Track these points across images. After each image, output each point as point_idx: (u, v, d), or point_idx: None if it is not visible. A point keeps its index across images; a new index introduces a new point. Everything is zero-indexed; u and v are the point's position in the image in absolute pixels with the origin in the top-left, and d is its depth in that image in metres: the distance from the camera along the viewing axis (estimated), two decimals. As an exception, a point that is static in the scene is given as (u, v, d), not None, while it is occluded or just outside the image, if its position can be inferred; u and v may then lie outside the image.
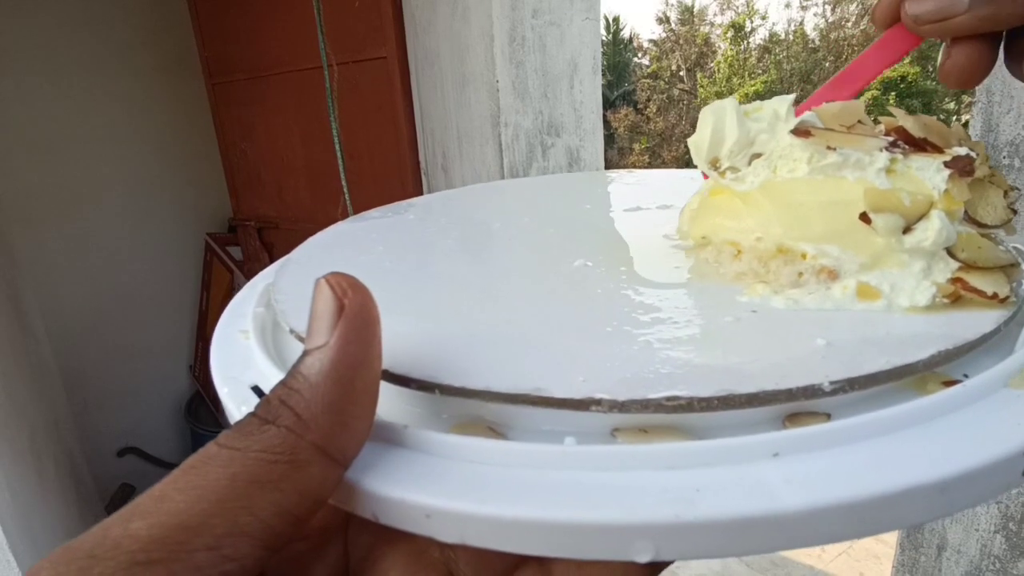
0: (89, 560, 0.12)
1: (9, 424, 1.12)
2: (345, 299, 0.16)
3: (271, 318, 0.26)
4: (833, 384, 0.16)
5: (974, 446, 0.15)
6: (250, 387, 0.20)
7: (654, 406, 0.16)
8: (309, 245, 0.33)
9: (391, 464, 0.16)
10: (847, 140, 0.22)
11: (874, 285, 0.21)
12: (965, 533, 0.64)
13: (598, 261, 0.27)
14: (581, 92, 1.18)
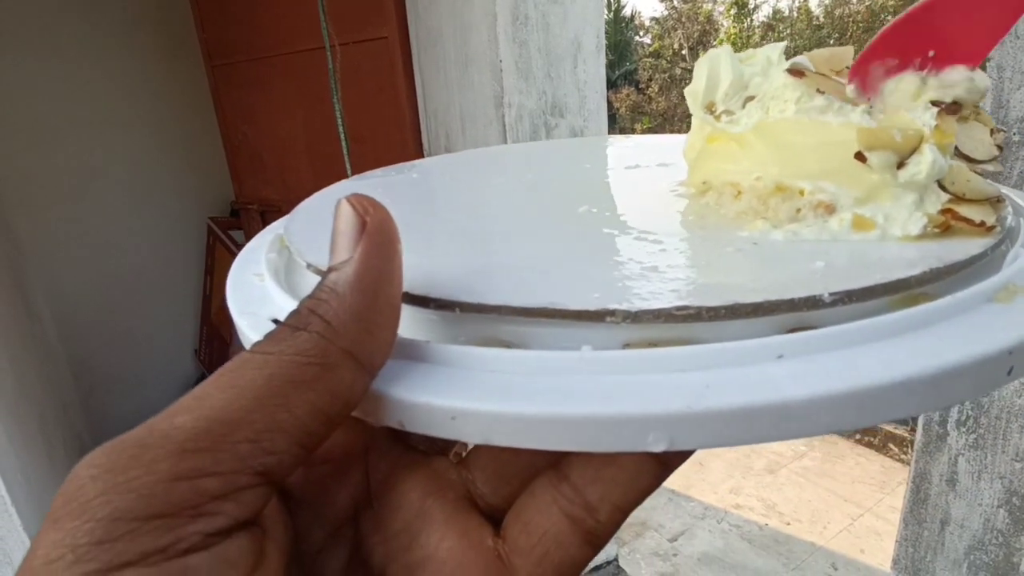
0: (139, 448, 0.13)
1: (20, 408, 1.14)
2: (367, 217, 0.17)
3: (283, 263, 0.27)
4: (832, 295, 0.17)
5: (964, 345, 0.16)
6: (270, 319, 0.21)
7: (665, 316, 0.17)
8: (316, 198, 0.33)
9: (415, 374, 0.17)
10: (836, 88, 0.23)
11: (869, 217, 0.22)
12: (968, 508, 0.65)
13: (602, 208, 0.27)
14: (585, 72, 1.17)
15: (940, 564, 0.69)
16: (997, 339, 0.16)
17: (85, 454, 0.28)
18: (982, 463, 0.63)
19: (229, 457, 0.14)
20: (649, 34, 16.24)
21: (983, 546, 0.65)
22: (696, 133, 0.28)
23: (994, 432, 0.62)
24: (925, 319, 0.17)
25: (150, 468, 0.13)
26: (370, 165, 1.36)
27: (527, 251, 0.23)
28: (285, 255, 0.27)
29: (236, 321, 0.22)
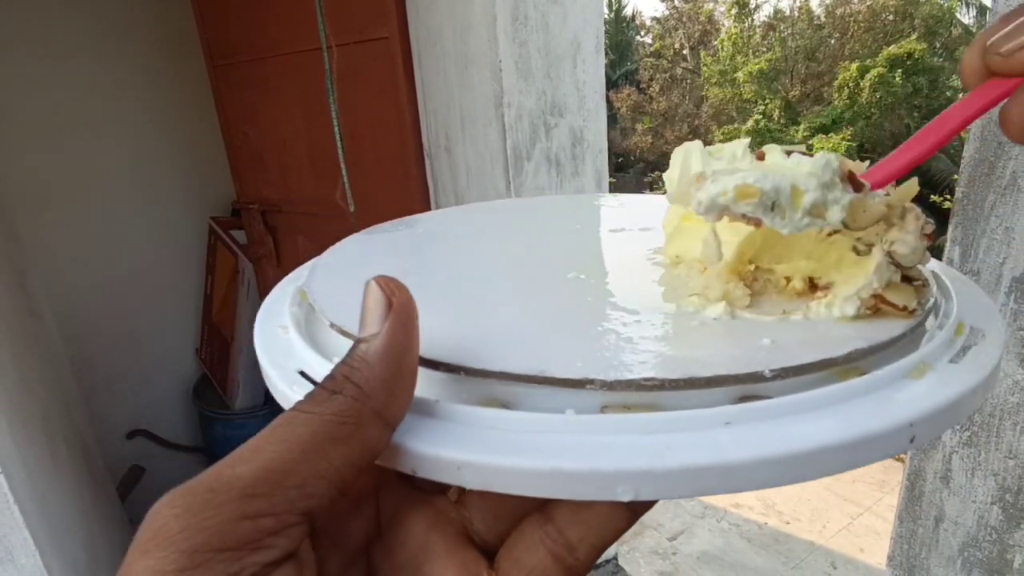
0: (210, 493, 0.16)
1: (23, 407, 1.14)
2: (393, 297, 0.20)
3: (303, 315, 0.30)
4: (772, 371, 0.21)
5: (874, 419, 0.20)
6: (297, 371, 0.25)
7: (635, 385, 0.21)
8: (330, 255, 0.37)
9: (427, 429, 0.20)
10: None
11: (811, 303, 0.26)
12: (962, 505, 0.65)
13: (589, 274, 0.31)
14: (584, 72, 1.18)
15: (935, 561, 0.69)
16: (902, 413, 0.20)
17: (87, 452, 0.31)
18: (975, 460, 0.63)
19: (281, 501, 0.17)
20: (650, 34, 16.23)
21: (977, 543, 0.65)
22: (673, 212, 0.32)
23: (987, 430, 0.62)
24: (848, 394, 0.21)
25: (220, 510, 0.16)
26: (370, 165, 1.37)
27: (523, 318, 0.27)
28: (305, 307, 0.31)
29: (266, 371, 0.26)
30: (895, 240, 0.25)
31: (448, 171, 1.25)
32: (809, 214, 0.23)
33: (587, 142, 1.23)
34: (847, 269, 0.26)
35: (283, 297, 0.32)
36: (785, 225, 0.23)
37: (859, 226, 0.23)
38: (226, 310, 2.15)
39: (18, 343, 1.25)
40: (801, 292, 0.28)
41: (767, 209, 0.23)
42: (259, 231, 1.76)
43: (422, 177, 1.32)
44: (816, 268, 0.27)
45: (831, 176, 0.23)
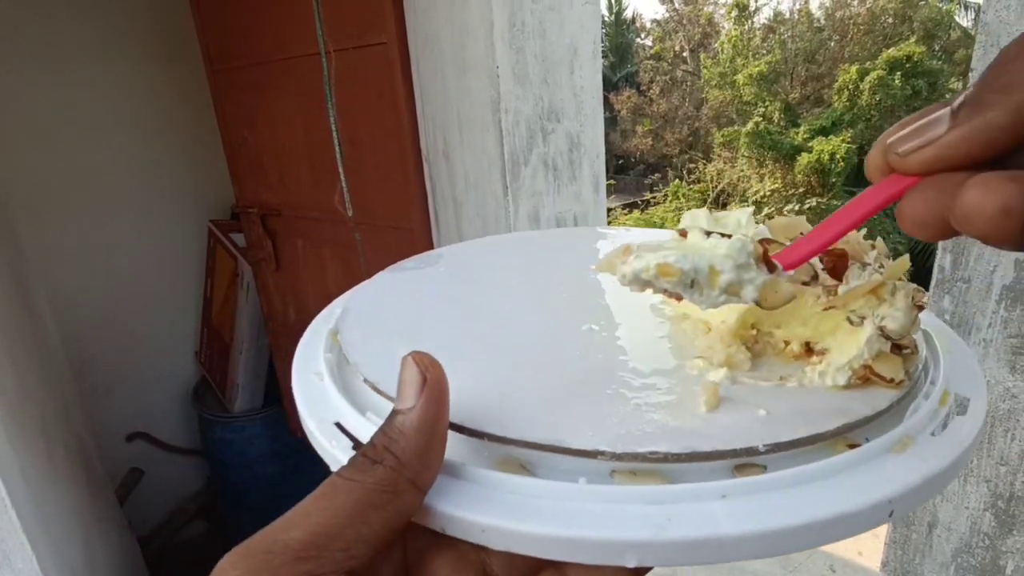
0: (267, 555, 0.19)
1: (21, 409, 1.15)
2: (427, 373, 0.22)
3: (336, 360, 0.33)
4: (766, 446, 0.23)
5: (857, 495, 0.21)
6: (333, 423, 0.27)
7: (641, 457, 0.23)
8: (359, 297, 0.39)
9: (455, 492, 0.23)
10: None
11: (807, 368, 0.28)
12: (955, 511, 0.66)
13: (601, 326, 0.33)
14: (581, 77, 1.18)
15: (928, 567, 0.70)
16: (883, 490, 0.22)
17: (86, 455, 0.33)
18: (968, 467, 0.64)
19: (328, 562, 0.19)
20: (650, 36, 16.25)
21: (970, 549, 0.66)
22: None
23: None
24: (835, 469, 0.23)
25: (276, 571, 0.18)
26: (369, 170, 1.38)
27: (541, 379, 0.29)
28: (337, 351, 0.33)
29: (305, 421, 0.28)
30: (886, 315, 0.27)
31: (446, 176, 1.25)
32: (725, 292, 0.24)
33: (584, 147, 1.23)
34: (841, 337, 0.28)
35: (317, 340, 0.35)
36: (703, 301, 0.24)
37: (770, 305, 0.25)
38: (225, 313, 2.15)
39: (16, 346, 1.26)
40: (798, 356, 0.29)
41: (686, 286, 0.24)
42: (258, 235, 1.76)
43: (420, 182, 1.32)
44: (813, 334, 0.29)
45: (746, 258, 0.24)
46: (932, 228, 0.19)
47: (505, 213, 1.15)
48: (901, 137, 0.19)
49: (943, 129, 0.18)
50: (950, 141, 0.17)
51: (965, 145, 0.17)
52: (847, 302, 0.27)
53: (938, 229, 0.19)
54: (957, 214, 0.17)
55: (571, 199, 1.24)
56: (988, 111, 0.17)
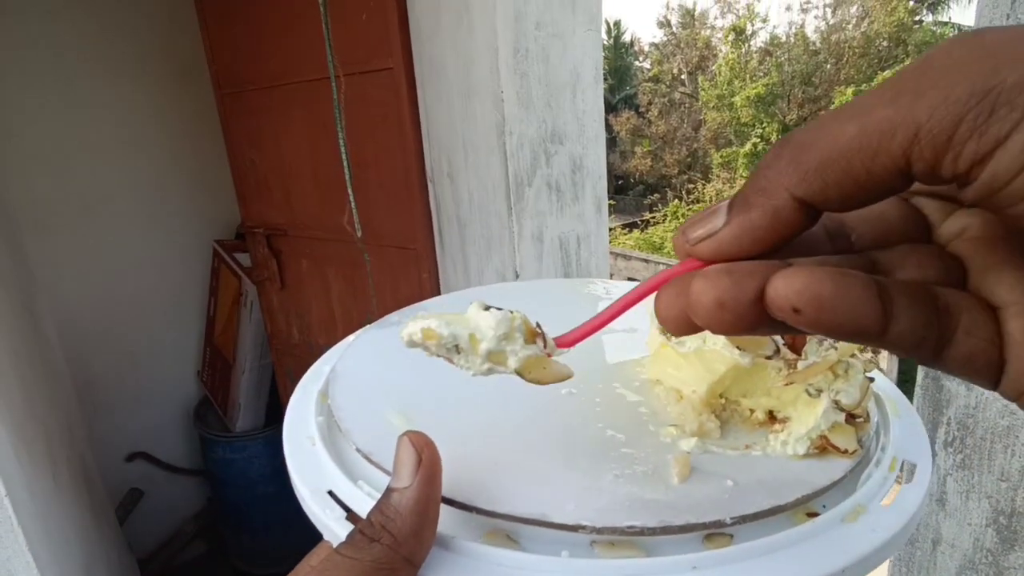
0: None
1: (27, 427, 1.15)
2: (423, 453, 0.24)
3: (326, 423, 0.34)
4: (732, 519, 0.26)
5: (813, 566, 0.24)
6: (326, 492, 0.29)
7: (619, 531, 0.25)
8: (348, 359, 0.40)
9: (445, 565, 0.24)
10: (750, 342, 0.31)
11: (770, 436, 0.31)
12: (958, 527, 0.66)
13: (580, 390, 0.35)
14: (584, 101, 1.21)
15: (933, 584, 0.70)
16: (837, 561, 0.24)
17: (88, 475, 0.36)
18: (969, 483, 0.64)
19: None
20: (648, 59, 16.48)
21: (973, 565, 0.66)
22: (656, 335, 0.37)
23: (979, 452, 0.63)
24: (795, 539, 0.25)
25: None
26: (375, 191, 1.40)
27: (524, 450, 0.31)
28: (327, 413, 0.35)
29: (297, 488, 0.30)
30: (840, 390, 0.30)
31: (451, 197, 1.28)
32: (488, 360, 0.25)
33: (587, 168, 1.26)
34: (801, 407, 0.31)
35: (307, 401, 0.36)
36: (469, 367, 0.25)
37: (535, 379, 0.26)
38: (228, 332, 2.16)
39: (23, 364, 1.27)
40: (763, 423, 0.32)
41: (453, 351, 0.25)
42: (263, 254, 1.78)
43: (425, 203, 1.35)
44: (776, 404, 0.32)
45: (507, 329, 0.25)
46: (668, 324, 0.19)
47: (509, 233, 1.17)
48: (692, 224, 0.19)
49: (720, 223, 0.19)
50: (723, 236, 0.18)
51: (736, 240, 0.18)
52: (806, 376, 0.30)
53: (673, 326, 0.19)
54: (690, 304, 0.18)
55: (574, 219, 1.26)
56: (752, 211, 0.18)
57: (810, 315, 0.16)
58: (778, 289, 0.16)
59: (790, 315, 0.16)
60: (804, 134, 0.17)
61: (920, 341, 0.16)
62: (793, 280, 0.16)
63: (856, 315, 0.16)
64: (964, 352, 0.16)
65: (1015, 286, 0.17)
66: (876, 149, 0.15)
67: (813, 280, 0.16)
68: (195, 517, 2.35)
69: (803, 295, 0.16)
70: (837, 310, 0.16)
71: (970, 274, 0.18)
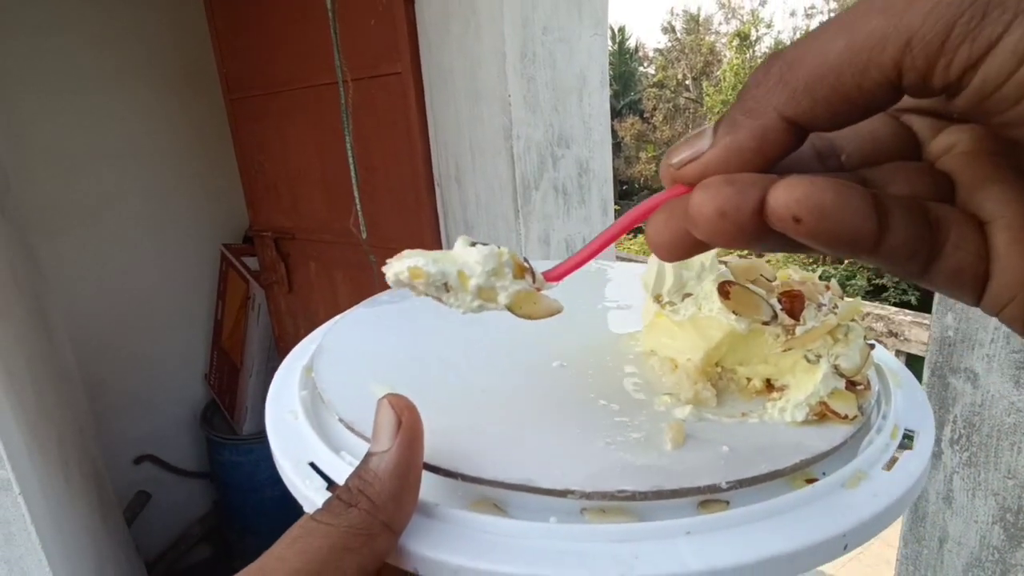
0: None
1: (40, 428, 1.16)
2: (402, 416, 0.23)
3: (311, 399, 0.33)
4: (728, 483, 0.24)
5: (813, 530, 0.23)
6: (308, 463, 0.27)
7: (610, 496, 0.24)
8: (335, 332, 0.39)
9: (428, 532, 0.23)
10: (746, 308, 0.30)
11: (768, 404, 0.30)
12: (965, 525, 0.66)
13: (571, 362, 0.35)
14: (590, 105, 1.22)
15: (940, 582, 0.70)
16: (837, 526, 0.23)
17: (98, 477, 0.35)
18: (976, 481, 0.65)
19: None
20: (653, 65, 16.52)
21: (980, 563, 0.66)
22: (649, 305, 0.36)
23: (986, 450, 0.64)
24: (794, 504, 0.24)
25: None
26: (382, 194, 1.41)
27: (512, 419, 0.30)
28: (311, 387, 0.33)
29: (278, 461, 0.28)
30: (840, 355, 0.29)
31: (458, 200, 1.29)
32: (479, 297, 0.25)
33: (593, 172, 1.27)
34: (799, 374, 0.30)
35: (291, 377, 0.35)
36: (459, 305, 0.25)
37: (526, 314, 0.25)
38: (236, 336, 2.17)
39: (36, 366, 1.28)
40: (760, 391, 0.31)
41: (442, 290, 0.25)
42: (271, 258, 1.80)
43: (432, 206, 1.36)
44: (773, 372, 0.31)
45: (495, 264, 0.25)
46: (660, 249, 0.20)
47: (516, 235, 1.18)
48: (677, 149, 0.19)
49: (706, 145, 0.18)
50: (710, 159, 0.18)
51: (722, 162, 0.18)
52: (804, 342, 0.29)
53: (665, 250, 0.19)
54: (687, 218, 0.18)
55: (580, 222, 1.27)
56: (739, 132, 0.18)
57: (810, 224, 0.16)
58: (779, 198, 0.16)
59: (790, 224, 0.16)
60: (792, 51, 0.17)
61: (912, 254, 0.16)
62: (795, 189, 0.16)
63: (854, 225, 0.16)
64: (952, 266, 0.17)
65: (1002, 200, 0.17)
66: (866, 63, 0.15)
67: (815, 189, 0.16)
68: (201, 520, 2.36)
69: (804, 204, 0.16)
70: (837, 219, 0.16)
71: (958, 190, 0.18)
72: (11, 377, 1.05)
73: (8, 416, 0.99)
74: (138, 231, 2.11)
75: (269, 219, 1.79)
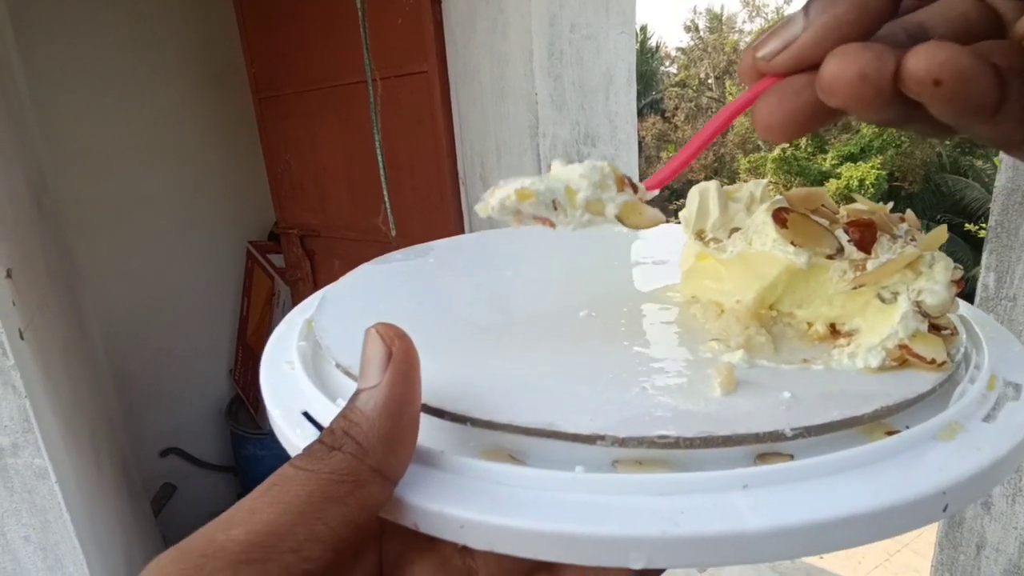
0: (201, 559, 0.16)
1: (74, 420, 1.19)
2: (393, 346, 0.19)
3: (311, 349, 0.29)
4: (794, 431, 0.20)
5: (904, 485, 0.18)
6: (301, 412, 0.24)
7: (648, 442, 0.20)
8: (341, 285, 0.36)
9: (431, 483, 0.19)
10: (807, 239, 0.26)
11: (833, 351, 0.25)
12: (1004, 531, 0.65)
13: (600, 312, 0.30)
14: (616, 103, 1.22)
15: (976, 590, 0.69)
16: (934, 480, 0.19)
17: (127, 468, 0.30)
18: (1016, 486, 0.63)
19: (276, 567, 0.16)
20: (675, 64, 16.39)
21: (1019, 570, 0.65)
22: (689, 248, 0.32)
23: (1027, 455, 0.62)
24: (875, 456, 0.20)
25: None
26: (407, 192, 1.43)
27: (533, 364, 0.26)
28: (313, 342, 0.30)
29: (270, 410, 0.25)
30: (923, 289, 0.24)
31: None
32: (588, 211, 0.24)
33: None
34: (872, 316, 0.25)
35: (292, 330, 0.31)
36: (569, 222, 0.24)
37: (634, 224, 0.24)
38: (261, 331, 2.21)
39: (71, 358, 1.31)
40: (823, 337, 0.26)
41: (550, 208, 0.24)
42: (297, 255, 1.82)
43: (457, 204, 1.36)
44: (839, 314, 0.26)
45: (600, 177, 0.24)
46: (777, 131, 0.19)
47: (541, 234, 1.18)
48: (762, 41, 0.19)
49: (799, 29, 0.18)
50: (805, 41, 0.18)
51: (819, 43, 0.18)
52: (879, 278, 0.25)
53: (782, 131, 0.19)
54: (822, 86, 0.17)
55: (605, 221, 1.27)
56: (837, 7, 0.18)
57: (950, 87, 0.16)
58: (920, 61, 0.16)
59: (928, 88, 0.16)
60: None
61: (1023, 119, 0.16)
62: (937, 52, 0.16)
63: (986, 89, 0.16)
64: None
65: None
66: None
67: (954, 53, 0.16)
68: (225, 513, 2.39)
69: (946, 67, 0.16)
70: (973, 83, 0.16)
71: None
72: (48, 369, 1.07)
73: (45, 406, 1.01)
74: (167, 229, 2.15)
75: (295, 216, 1.81)
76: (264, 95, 1.74)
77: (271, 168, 1.83)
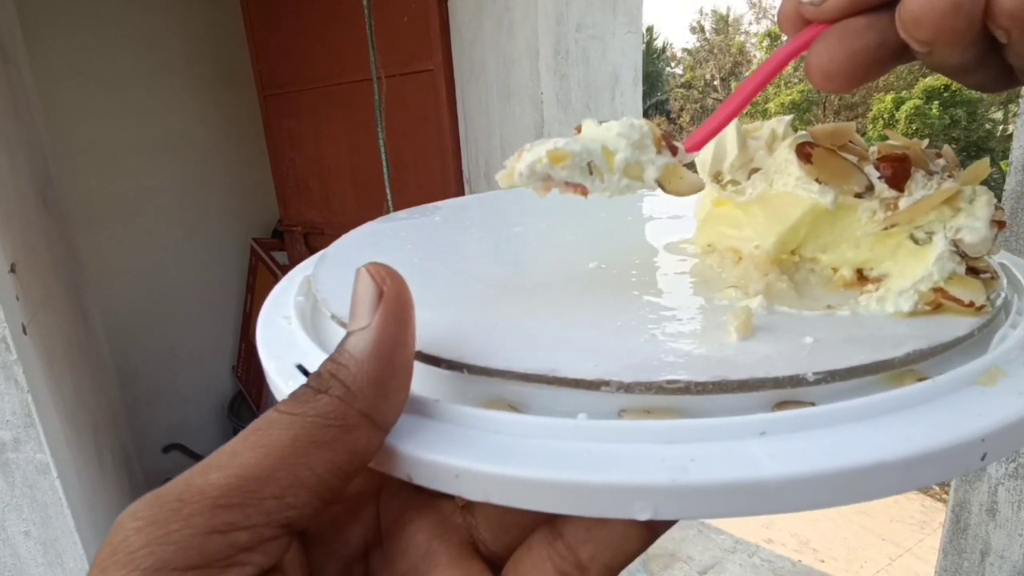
0: (178, 503, 0.15)
1: (76, 416, 1.19)
2: (384, 285, 0.18)
3: (310, 306, 0.28)
4: (816, 375, 0.18)
5: (938, 431, 0.17)
6: (295, 365, 0.23)
7: (656, 388, 0.18)
8: (343, 242, 0.35)
9: (424, 432, 0.18)
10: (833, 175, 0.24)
11: (861, 297, 0.23)
12: (1008, 538, 0.64)
13: (611, 264, 0.28)
14: (622, 103, 1.21)
15: (981, 597, 0.68)
16: (971, 426, 0.17)
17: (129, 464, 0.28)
18: (1022, 493, 0.63)
19: (257, 512, 0.15)
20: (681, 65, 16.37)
21: (1025, 578, 0.64)
22: (705, 195, 0.29)
23: (1034, 462, 0.62)
24: (907, 401, 0.18)
25: (188, 522, 0.14)
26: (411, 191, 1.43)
27: (535, 311, 0.24)
28: (312, 298, 0.28)
29: (264, 364, 0.24)
30: (961, 227, 0.22)
31: (487, 197, 1.29)
32: (626, 175, 0.22)
33: (623, 171, 1.26)
34: (903, 259, 0.23)
35: (291, 287, 0.30)
36: (606, 188, 0.22)
37: (675, 190, 0.23)
38: (264, 329, 2.21)
39: (74, 353, 1.31)
40: (849, 283, 0.24)
41: (584, 173, 0.22)
42: (301, 252, 1.82)
43: (461, 203, 1.36)
44: (867, 258, 0.24)
45: (639, 136, 0.22)
46: (837, 77, 0.19)
47: (545, 234, 1.18)
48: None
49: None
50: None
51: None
52: (912, 217, 0.23)
53: (843, 77, 0.18)
54: (908, 18, 0.17)
55: (609, 221, 1.26)
56: None
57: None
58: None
59: (1020, 22, 0.16)
60: None
61: None
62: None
63: None
64: None
65: None
66: None
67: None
68: (227, 509, 2.40)
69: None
70: None
71: None
72: (51, 364, 1.08)
73: (47, 401, 1.02)
74: (171, 225, 2.15)
75: (299, 214, 1.81)
76: (270, 92, 1.74)
77: (276, 165, 1.83)
